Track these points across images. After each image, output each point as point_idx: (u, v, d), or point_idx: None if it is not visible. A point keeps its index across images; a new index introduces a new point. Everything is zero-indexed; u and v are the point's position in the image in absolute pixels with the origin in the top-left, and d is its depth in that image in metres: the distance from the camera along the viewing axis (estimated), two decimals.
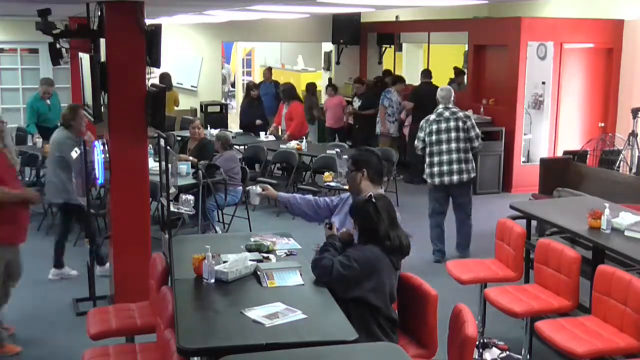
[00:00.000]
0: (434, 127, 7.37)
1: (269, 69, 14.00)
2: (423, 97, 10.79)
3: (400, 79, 12.04)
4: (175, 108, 12.88)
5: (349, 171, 4.55)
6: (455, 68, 12.69)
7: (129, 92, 5.62)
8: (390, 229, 3.95)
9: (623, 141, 10.00)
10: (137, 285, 5.29)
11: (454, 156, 7.32)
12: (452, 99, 7.56)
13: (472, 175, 7.48)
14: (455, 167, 7.32)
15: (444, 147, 7.33)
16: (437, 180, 7.37)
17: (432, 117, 7.44)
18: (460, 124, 7.35)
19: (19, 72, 13.93)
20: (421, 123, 7.55)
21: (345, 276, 3.82)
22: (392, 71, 14.37)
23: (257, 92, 12.34)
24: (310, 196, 4.87)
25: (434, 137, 7.36)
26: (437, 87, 10.97)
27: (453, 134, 7.33)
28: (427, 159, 7.43)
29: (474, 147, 7.45)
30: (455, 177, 7.33)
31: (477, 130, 7.50)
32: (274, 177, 10.22)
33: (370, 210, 3.97)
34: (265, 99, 12.91)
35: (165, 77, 12.75)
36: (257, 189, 4.90)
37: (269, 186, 4.97)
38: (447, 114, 7.38)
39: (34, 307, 6.21)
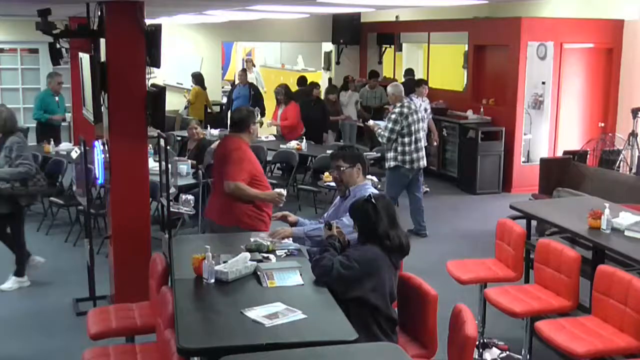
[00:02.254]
0: (411, 118, 8.16)
1: (244, 71, 13.46)
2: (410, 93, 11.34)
3: (421, 82, 10.75)
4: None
5: (343, 169, 4.64)
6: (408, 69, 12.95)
7: (129, 92, 5.62)
8: (389, 228, 3.95)
9: (623, 141, 10.00)
10: (137, 285, 5.28)
11: (423, 143, 8.53)
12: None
13: None
14: (424, 153, 8.41)
15: (419, 135, 8.31)
16: (415, 165, 8.24)
17: (405, 110, 8.18)
18: (422, 114, 8.61)
19: (19, 72, 13.93)
20: (394, 117, 8.16)
21: (346, 276, 3.82)
22: (393, 72, 14.40)
23: (318, 92, 11.51)
24: (315, 224, 4.71)
25: (412, 127, 8.18)
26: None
27: (422, 124, 8.53)
28: (407, 148, 8.17)
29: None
30: (425, 162, 8.41)
31: None
32: (273, 177, 10.22)
33: (370, 210, 3.97)
34: (237, 103, 12.43)
35: (195, 77, 12.77)
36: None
37: (291, 218, 4.82)
38: (413, 106, 8.34)
39: (34, 307, 6.21)
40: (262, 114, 12.08)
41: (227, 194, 5.21)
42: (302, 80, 12.65)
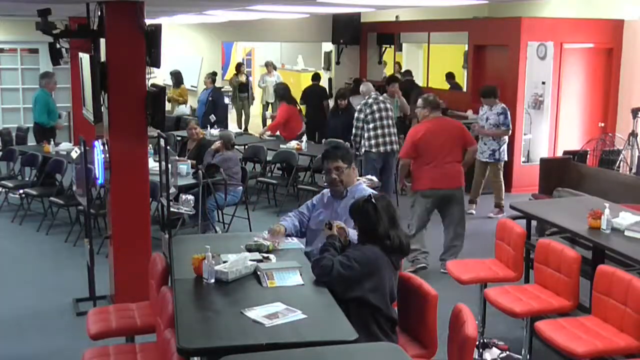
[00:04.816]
0: (375, 107, 8.92)
1: (212, 74, 12.56)
2: (409, 91, 11.59)
3: (493, 92, 9.50)
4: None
5: (343, 169, 4.68)
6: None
7: (129, 92, 5.62)
8: (389, 228, 3.95)
9: (623, 141, 10.00)
10: (137, 285, 5.28)
11: (392, 130, 9.03)
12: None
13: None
14: (394, 138, 8.99)
15: (385, 122, 8.92)
16: (382, 148, 8.89)
17: (370, 100, 8.99)
18: (389, 105, 9.13)
19: (19, 72, 13.93)
20: (359, 107, 9.03)
21: (345, 276, 3.82)
22: (393, 72, 14.40)
23: (345, 102, 10.79)
24: (292, 217, 4.85)
25: (376, 115, 8.90)
26: (416, 83, 12.23)
27: (390, 113, 9.07)
28: (372, 133, 8.88)
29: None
30: (395, 147, 8.96)
31: None
32: (273, 177, 10.23)
33: (370, 210, 3.98)
34: (199, 107, 12.04)
35: (174, 75, 12.73)
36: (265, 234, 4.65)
37: (281, 232, 4.65)
38: (380, 98, 9.11)
39: (34, 307, 6.21)
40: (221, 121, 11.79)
41: (451, 160, 6.91)
42: (315, 77, 13.06)
